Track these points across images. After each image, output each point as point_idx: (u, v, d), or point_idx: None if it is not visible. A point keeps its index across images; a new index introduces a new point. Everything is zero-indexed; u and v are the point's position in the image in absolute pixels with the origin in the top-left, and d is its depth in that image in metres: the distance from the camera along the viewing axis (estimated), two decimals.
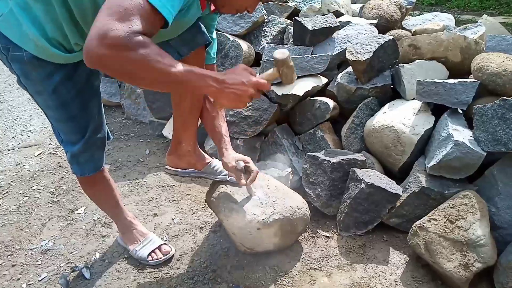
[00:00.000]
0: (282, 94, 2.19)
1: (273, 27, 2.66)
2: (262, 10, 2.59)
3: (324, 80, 2.31)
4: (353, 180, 1.81)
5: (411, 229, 1.64)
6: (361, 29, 2.45)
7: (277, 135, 2.28)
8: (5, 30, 1.13)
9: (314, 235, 1.84)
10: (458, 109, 1.83)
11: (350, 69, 2.22)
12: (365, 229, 1.80)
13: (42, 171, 2.49)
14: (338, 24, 2.47)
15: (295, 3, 2.88)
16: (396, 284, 1.57)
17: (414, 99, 1.97)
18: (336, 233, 1.85)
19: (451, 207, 1.57)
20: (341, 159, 1.88)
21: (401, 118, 1.90)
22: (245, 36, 2.66)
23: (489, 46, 2.01)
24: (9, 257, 1.78)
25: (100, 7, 1.10)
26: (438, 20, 2.77)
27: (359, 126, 2.10)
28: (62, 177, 2.40)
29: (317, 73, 2.31)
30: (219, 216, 1.65)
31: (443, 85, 1.79)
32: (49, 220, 2.02)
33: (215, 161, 1.72)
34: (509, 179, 1.62)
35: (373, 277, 1.60)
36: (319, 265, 1.67)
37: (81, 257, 1.76)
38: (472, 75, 1.88)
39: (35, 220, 2.02)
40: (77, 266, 1.68)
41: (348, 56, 2.11)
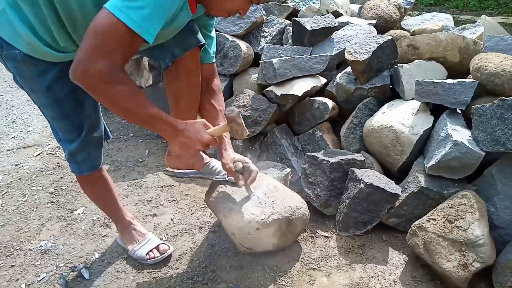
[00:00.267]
0: (281, 94, 2.19)
1: (272, 28, 2.66)
2: (261, 11, 2.59)
3: (323, 80, 2.32)
4: (352, 180, 1.82)
5: (410, 229, 1.64)
6: (360, 29, 2.46)
7: (276, 135, 2.28)
8: None
9: (313, 235, 1.84)
10: (457, 109, 1.84)
11: (349, 69, 2.22)
12: (364, 229, 1.81)
13: (41, 171, 2.48)
14: (337, 24, 2.48)
15: (294, 3, 2.89)
16: (395, 284, 1.57)
17: (413, 99, 1.97)
18: (335, 233, 1.85)
19: (450, 207, 1.57)
20: (340, 159, 1.88)
21: (400, 118, 1.90)
22: (244, 37, 2.67)
23: (488, 46, 2.01)
24: (8, 257, 1.78)
25: (88, 15, 1.11)
26: (437, 20, 2.78)
27: (358, 126, 2.10)
28: (61, 178, 2.40)
29: (316, 73, 2.31)
30: (218, 216, 1.66)
31: (442, 85, 1.80)
32: (48, 220, 2.02)
33: (214, 161, 1.72)
34: (508, 179, 1.62)
35: (372, 277, 1.61)
36: (318, 265, 1.67)
37: (80, 257, 1.76)
38: (470, 75, 1.88)
39: (34, 221, 2.02)
40: (76, 266, 1.68)
41: (347, 56, 2.12)
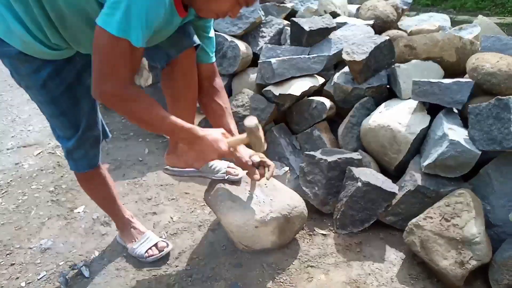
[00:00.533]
0: (279, 94, 2.21)
1: (271, 28, 2.68)
2: (260, 11, 2.60)
3: (321, 80, 2.33)
4: (349, 179, 1.83)
5: (407, 227, 1.65)
6: (358, 30, 2.47)
7: (275, 134, 2.29)
8: None
9: (311, 233, 1.85)
10: (454, 108, 1.85)
11: (346, 69, 2.23)
12: (362, 227, 1.82)
13: (41, 170, 2.49)
14: (334, 24, 2.49)
15: (292, 4, 2.90)
16: (392, 281, 1.58)
17: (409, 98, 1.99)
18: (333, 231, 1.86)
19: (447, 206, 1.59)
20: (338, 158, 1.89)
21: (397, 117, 1.92)
22: (243, 37, 2.68)
23: (484, 46, 2.02)
24: (8, 256, 1.79)
25: (75, 14, 1.12)
26: (434, 20, 2.80)
27: (356, 126, 2.12)
28: (61, 176, 2.41)
29: (314, 73, 2.32)
30: (218, 215, 1.67)
31: (439, 85, 1.81)
32: (48, 219, 2.03)
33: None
34: (504, 178, 1.64)
35: (369, 274, 1.62)
36: (316, 263, 1.68)
37: (80, 255, 1.77)
38: (467, 75, 1.90)
39: (34, 219, 2.03)
40: (76, 265, 1.69)
41: (344, 56, 2.13)
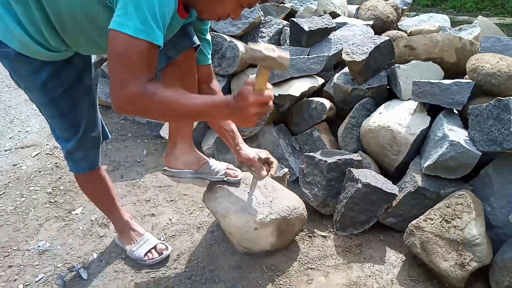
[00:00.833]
0: (279, 94, 2.20)
1: (270, 28, 2.67)
2: (259, 11, 2.59)
3: (320, 80, 2.33)
4: (349, 180, 1.82)
5: (407, 229, 1.65)
6: (357, 30, 2.46)
7: (274, 135, 2.28)
8: None
9: (311, 235, 1.84)
10: (454, 109, 1.85)
11: (346, 69, 2.23)
12: (362, 228, 1.81)
13: (39, 171, 2.48)
14: (334, 25, 2.49)
15: (291, 4, 2.89)
16: (393, 283, 1.58)
17: (410, 99, 1.98)
18: (333, 233, 1.85)
19: (447, 207, 1.58)
20: (338, 159, 1.88)
21: (397, 118, 1.91)
22: (242, 37, 2.67)
23: (484, 47, 2.02)
24: (5, 258, 1.77)
25: (77, 16, 1.10)
26: (434, 21, 2.79)
27: (355, 127, 2.11)
28: (59, 178, 2.40)
29: (314, 74, 2.32)
30: (216, 216, 1.66)
31: (439, 86, 1.81)
32: (46, 220, 2.02)
33: (212, 161, 1.72)
34: (504, 179, 1.63)
35: (369, 276, 1.61)
36: (316, 265, 1.67)
37: (78, 257, 1.76)
38: (467, 76, 1.89)
39: (32, 221, 2.01)
40: (74, 267, 1.68)
41: (344, 56, 2.12)
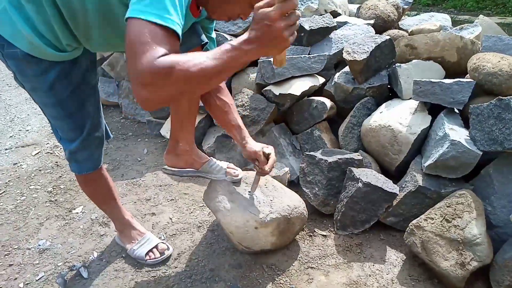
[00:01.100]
0: (279, 93, 2.20)
1: None
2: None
3: (321, 80, 2.32)
4: (350, 179, 1.82)
5: (407, 228, 1.64)
6: (358, 29, 2.46)
7: (275, 134, 2.28)
8: None
9: (311, 234, 1.84)
10: (455, 108, 1.84)
11: (347, 69, 2.22)
12: (362, 228, 1.81)
13: (40, 170, 2.48)
14: (335, 24, 2.48)
15: None
16: (393, 283, 1.57)
17: (410, 98, 1.98)
18: (333, 232, 1.85)
19: (448, 206, 1.58)
20: (338, 159, 1.88)
21: (398, 117, 1.91)
22: None
23: (485, 46, 2.02)
24: (6, 256, 1.78)
25: (89, 12, 1.10)
26: (435, 20, 2.78)
27: (356, 126, 2.11)
28: (60, 177, 2.40)
29: (314, 73, 2.31)
30: (217, 215, 1.66)
31: (440, 85, 1.80)
32: (46, 219, 2.02)
33: (213, 160, 1.72)
34: (505, 178, 1.63)
35: (370, 275, 1.61)
36: (317, 264, 1.67)
37: (78, 256, 1.76)
38: (468, 75, 1.89)
39: (32, 220, 2.02)
40: (74, 266, 1.68)
41: (345, 56, 2.12)
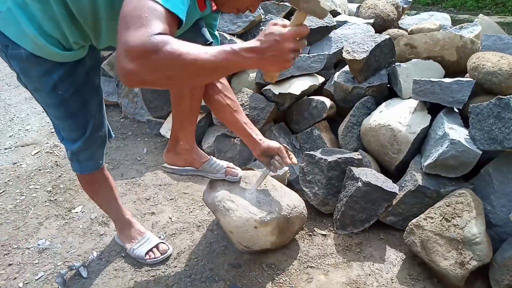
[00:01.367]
0: (279, 93, 2.20)
1: None
2: (259, 9, 2.59)
3: (321, 79, 2.32)
4: (349, 179, 1.82)
5: (407, 227, 1.65)
6: (358, 28, 2.46)
7: (274, 134, 2.28)
8: (3, 28, 1.12)
9: (311, 233, 1.84)
10: (454, 108, 1.84)
11: (346, 68, 2.22)
12: (362, 227, 1.81)
13: (39, 170, 2.48)
14: (335, 23, 2.48)
15: None
16: (393, 282, 1.57)
17: (410, 98, 1.98)
18: (333, 231, 1.85)
19: (447, 205, 1.58)
20: (338, 158, 1.88)
21: (398, 117, 1.91)
22: (242, 35, 2.67)
23: (485, 45, 2.02)
24: (5, 256, 1.78)
25: (98, 7, 1.10)
26: (434, 19, 2.78)
27: (356, 125, 2.11)
28: (59, 176, 2.40)
29: (314, 72, 2.31)
30: (216, 215, 1.66)
31: (439, 84, 1.80)
32: (46, 219, 2.02)
33: (213, 159, 1.72)
34: (505, 178, 1.63)
35: (369, 275, 1.61)
36: (316, 263, 1.67)
37: (78, 256, 1.76)
38: (468, 74, 1.89)
39: (32, 219, 2.01)
40: (74, 265, 1.68)
41: (344, 55, 2.12)
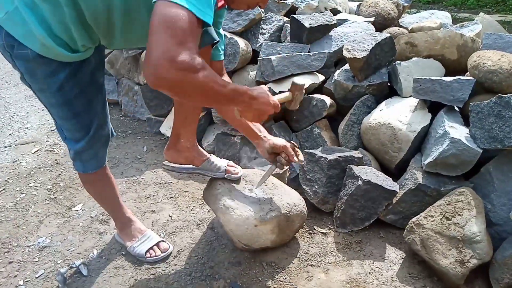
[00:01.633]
0: (279, 91, 2.19)
1: (271, 25, 2.66)
2: (260, 8, 2.58)
3: (321, 77, 2.32)
4: (350, 177, 1.82)
5: (407, 226, 1.65)
6: (358, 27, 2.45)
7: (275, 132, 2.28)
8: (10, 28, 1.12)
9: (311, 232, 1.84)
10: (455, 106, 1.84)
11: (347, 66, 2.22)
12: (362, 225, 1.81)
13: (39, 168, 2.48)
14: (335, 21, 2.48)
15: (292, 1, 2.88)
16: (393, 280, 1.58)
17: (410, 96, 1.98)
18: (333, 230, 1.85)
19: (447, 204, 1.58)
20: (338, 156, 1.88)
21: (398, 115, 1.91)
22: (243, 34, 2.66)
23: (486, 44, 2.01)
24: (6, 254, 1.78)
25: (113, 11, 1.12)
26: (435, 18, 2.78)
27: (356, 124, 2.11)
28: (59, 174, 2.40)
29: (314, 71, 2.31)
30: (217, 213, 1.66)
31: (440, 83, 1.80)
32: (46, 217, 2.02)
33: (213, 157, 1.72)
34: (505, 176, 1.63)
35: (369, 273, 1.61)
36: (316, 262, 1.67)
37: (78, 254, 1.76)
38: (468, 73, 1.89)
39: (32, 217, 2.02)
40: (74, 263, 1.68)
41: (345, 53, 2.12)
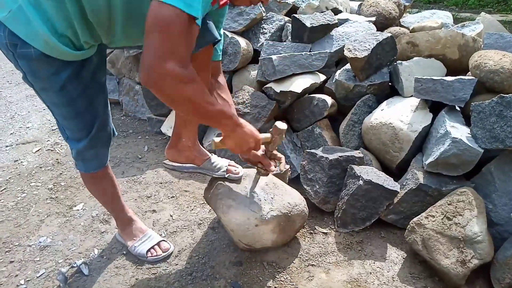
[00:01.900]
0: (280, 91, 2.19)
1: (272, 24, 2.66)
2: (261, 7, 2.58)
3: (322, 77, 2.32)
4: (351, 177, 1.82)
5: (408, 226, 1.64)
6: (359, 27, 2.45)
7: None
8: (13, 26, 1.11)
9: (312, 232, 1.84)
10: (456, 106, 1.84)
11: (348, 66, 2.22)
12: (363, 225, 1.81)
13: (40, 167, 2.48)
14: (336, 21, 2.48)
15: (293, 0, 2.88)
16: (394, 280, 1.57)
17: (412, 96, 1.98)
18: (334, 230, 1.85)
19: (449, 204, 1.58)
20: (339, 156, 1.88)
21: (399, 115, 1.90)
22: (244, 33, 2.66)
23: (487, 44, 2.01)
24: (7, 253, 1.78)
25: (114, 10, 1.12)
26: (436, 17, 2.78)
27: (357, 123, 2.11)
28: (61, 174, 2.40)
29: (315, 70, 2.31)
30: (217, 213, 1.66)
31: (441, 82, 1.80)
32: (47, 216, 2.02)
33: (214, 157, 1.71)
34: (506, 176, 1.63)
35: (370, 273, 1.61)
36: (317, 261, 1.67)
37: (79, 253, 1.76)
38: (470, 73, 1.88)
39: (33, 217, 2.02)
40: (75, 262, 1.68)
41: (346, 53, 2.11)
